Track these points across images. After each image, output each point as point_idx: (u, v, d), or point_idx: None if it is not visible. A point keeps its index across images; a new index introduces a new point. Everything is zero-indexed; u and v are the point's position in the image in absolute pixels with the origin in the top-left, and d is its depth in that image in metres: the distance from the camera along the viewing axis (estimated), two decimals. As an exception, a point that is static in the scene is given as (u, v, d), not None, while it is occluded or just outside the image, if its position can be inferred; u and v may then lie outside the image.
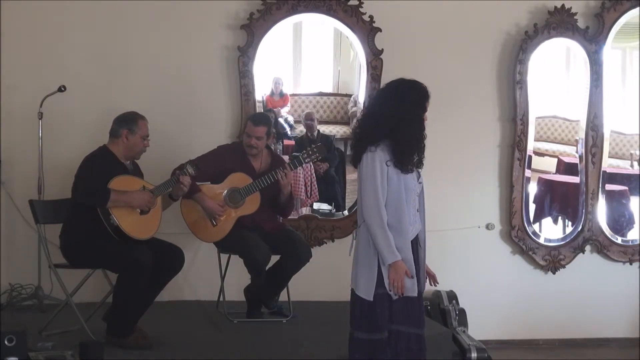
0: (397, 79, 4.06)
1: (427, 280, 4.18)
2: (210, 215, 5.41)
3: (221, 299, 5.67)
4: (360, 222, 3.97)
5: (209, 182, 5.48)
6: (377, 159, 3.85)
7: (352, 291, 4.00)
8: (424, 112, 3.99)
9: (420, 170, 4.04)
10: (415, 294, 3.97)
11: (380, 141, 3.87)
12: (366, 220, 3.87)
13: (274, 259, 5.50)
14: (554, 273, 6.71)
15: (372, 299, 3.89)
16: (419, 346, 4.02)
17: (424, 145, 3.99)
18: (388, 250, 3.84)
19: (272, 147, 6.04)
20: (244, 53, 6.17)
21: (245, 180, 5.45)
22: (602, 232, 6.74)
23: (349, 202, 6.54)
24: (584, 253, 6.75)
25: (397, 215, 3.87)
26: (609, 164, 6.80)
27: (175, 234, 5.62)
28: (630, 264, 6.80)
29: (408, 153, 3.90)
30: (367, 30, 6.31)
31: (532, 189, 6.74)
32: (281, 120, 6.69)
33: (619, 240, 6.80)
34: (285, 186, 5.46)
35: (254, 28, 6.17)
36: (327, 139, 6.49)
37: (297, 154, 5.72)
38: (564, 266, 6.72)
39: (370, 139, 3.88)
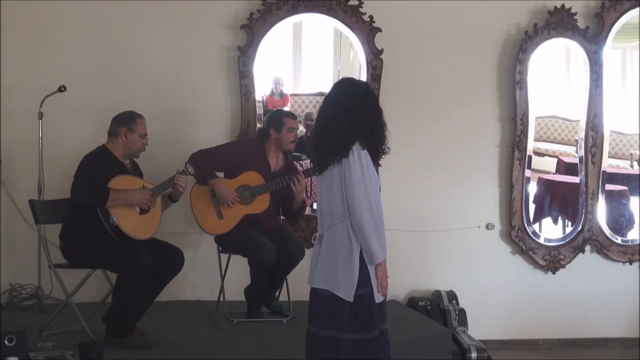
0: (341, 80, 4.08)
1: None
2: (222, 201, 5.41)
3: (221, 299, 5.67)
4: (334, 223, 3.84)
5: (222, 175, 5.51)
6: (364, 159, 3.80)
7: (328, 293, 3.87)
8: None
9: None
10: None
11: (356, 141, 3.82)
12: (359, 218, 3.76)
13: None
14: (554, 273, 6.71)
15: (352, 300, 3.81)
16: (388, 340, 4.00)
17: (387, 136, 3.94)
18: (380, 247, 3.80)
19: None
20: (244, 53, 6.17)
21: (257, 180, 5.48)
22: (602, 232, 6.74)
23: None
24: (583, 253, 6.75)
25: (378, 214, 3.84)
26: (609, 164, 6.80)
27: (175, 234, 5.64)
28: (630, 264, 6.80)
29: (382, 144, 3.89)
30: (367, 30, 6.32)
31: (532, 189, 6.74)
32: (281, 120, 6.68)
33: (618, 240, 6.80)
34: (298, 194, 5.48)
35: (254, 28, 6.17)
36: (327, 139, 6.47)
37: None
38: (564, 266, 6.72)
39: (346, 141, 3.80)
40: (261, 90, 6.38)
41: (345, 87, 3.98)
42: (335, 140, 3.82)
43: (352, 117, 3.83)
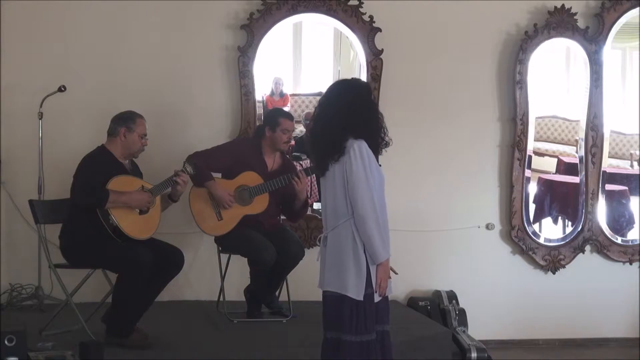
0: (337, 81, 4.11)
1: None
2: (219, 203, 5.41)
3: (221, 299, 5.67)
4: (338, 223, 3.83)
5: (220, 176, 5.50)
6: (365, 154, 3.78)
7: (335, 294, 3.85)
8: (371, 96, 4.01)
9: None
10: (392, 292, 3.97)
11: (350, 137, 3.80)
12: (362, 215, 3.74)
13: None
14: (554, 273, 6.71)
15: (362, 299, 3.80)
16: (390, 341, 4.00)
17: (385, 128, 3.93)
18: (384, 246, 3.79)
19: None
20: (244, 53, 6.17)
21: (256, 180, 5.47)
22: (602, 232, 6.74)
23: (348, 202, 6.53)
24: (583, 253, 6.75)
25: (382, 214, 3.83)
26: (609, 164, 6.80)
27: (175, 234, 5.63)
28: (630, 264, 6.80)
29: (378, 134, 3.88)
30: (367, 30, 6.32)
31: (532, 189, 6.74)
32: (281, 120, 6.67)
33: (618, 240, 6.80)
34: (301, 192, 5.47)
35: (254, 28, 6.17)
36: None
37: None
38: (564, 266, 6.72)
39: (340, 138, 3.80)
40: (261, 90, 6.38)
41: (334, 87, 4.01)
42: (329, 139, 3.82)
43: (343, 113, 3.82)
